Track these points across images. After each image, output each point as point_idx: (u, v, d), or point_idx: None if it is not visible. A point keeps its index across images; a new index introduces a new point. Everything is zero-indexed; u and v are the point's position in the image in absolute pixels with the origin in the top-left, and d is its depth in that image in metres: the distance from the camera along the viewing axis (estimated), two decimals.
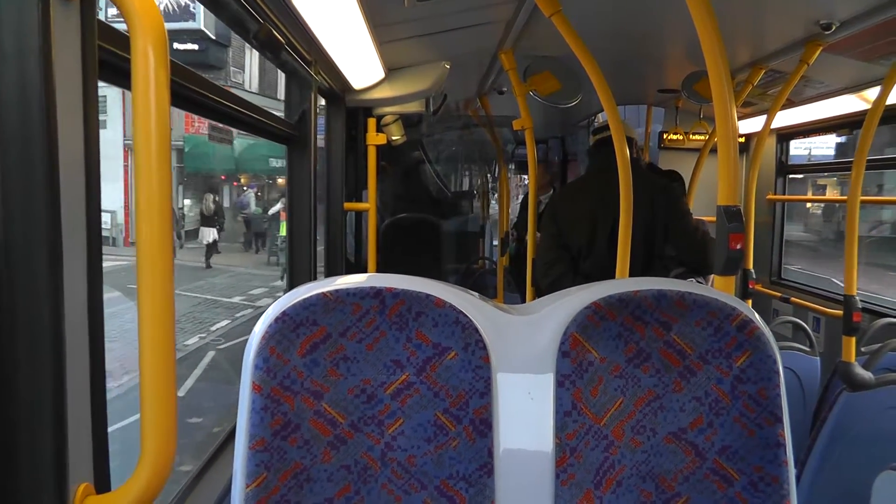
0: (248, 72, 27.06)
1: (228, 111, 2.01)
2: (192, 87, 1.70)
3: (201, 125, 22.85)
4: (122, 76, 1.18)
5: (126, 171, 19.51)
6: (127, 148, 19.42)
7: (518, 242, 7.27)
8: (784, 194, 5.70)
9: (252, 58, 26.25)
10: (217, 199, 22.70)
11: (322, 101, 3.37)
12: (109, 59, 1.20)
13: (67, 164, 1.00)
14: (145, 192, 1.01)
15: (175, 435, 1.07)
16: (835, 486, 3.03)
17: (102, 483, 1.13)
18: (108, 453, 1.16)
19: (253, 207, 24.77)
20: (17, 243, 0.94)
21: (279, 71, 2.77)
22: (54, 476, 0.99)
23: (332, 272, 3.50)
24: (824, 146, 11.56)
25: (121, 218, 19.97)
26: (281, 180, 25.57)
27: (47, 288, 0.96)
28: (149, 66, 0.99)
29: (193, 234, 22.16)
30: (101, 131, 1.14)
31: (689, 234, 3.82)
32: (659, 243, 3.89)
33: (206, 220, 21.33)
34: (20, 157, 0.93)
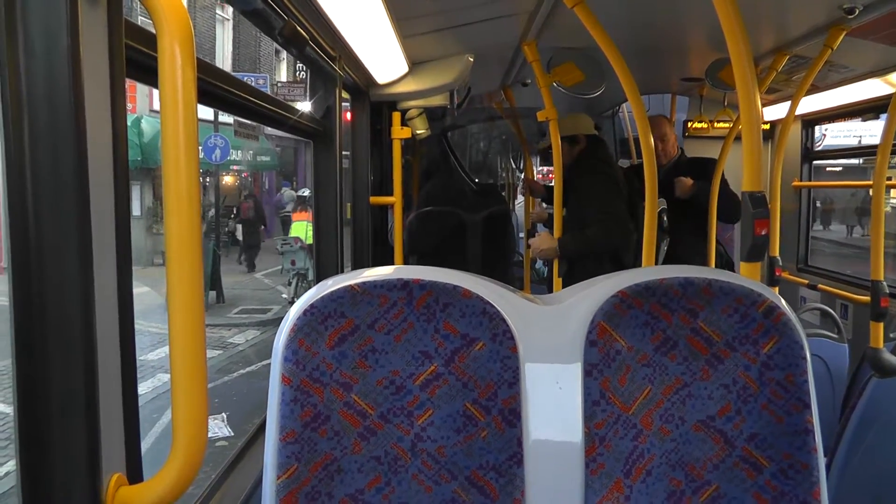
0: None
1: (255, 108, 2.03)
2: (219, 85, 1.71)
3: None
4: (149, 74, 1.19)
5: None
6: None
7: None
8: (810, 180, 5.65)
9: None
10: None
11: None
12: (136, 57, 1.22)
13: (96, 162, 1.01)
14: (174, 190, 1.03)
15: (206, 427, 1.08)
16: (865, 473, 3.01)
17: (135, 474, 1.14)
18: (139, 444, 1.18)
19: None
20: (47, 239, 0.95)
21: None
22: (87, 467, 1.01)
23: (358, 265, 3.52)
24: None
25: None
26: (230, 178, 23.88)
27: (78, 282, 0.98)
28: (175, 64, 1.01)
29: None
30: None
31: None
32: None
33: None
34: (50, 154, 0.95)
